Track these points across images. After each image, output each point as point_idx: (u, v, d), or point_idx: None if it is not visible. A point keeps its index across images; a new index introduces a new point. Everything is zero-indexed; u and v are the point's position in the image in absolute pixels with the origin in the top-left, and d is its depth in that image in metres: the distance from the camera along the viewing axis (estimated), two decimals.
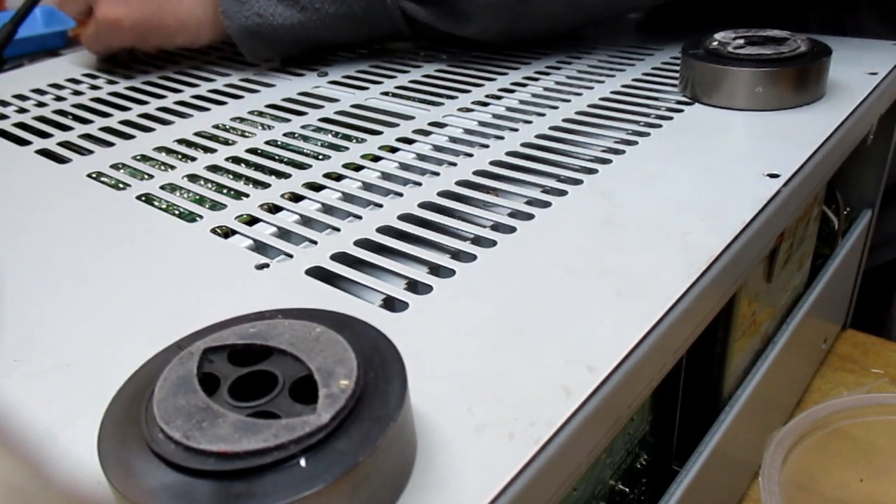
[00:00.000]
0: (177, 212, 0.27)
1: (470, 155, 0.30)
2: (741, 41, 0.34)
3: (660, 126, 0.31)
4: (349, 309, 0.18)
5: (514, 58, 0.42)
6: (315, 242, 0.24)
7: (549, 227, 0.24)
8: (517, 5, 0.37)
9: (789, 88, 0.32)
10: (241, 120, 0.36)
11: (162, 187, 0.29)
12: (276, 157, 0.31)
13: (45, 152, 0.33)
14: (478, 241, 0.24)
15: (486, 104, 0.35)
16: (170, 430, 0.13)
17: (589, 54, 0.42)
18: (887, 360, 0.42)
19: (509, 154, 0.30)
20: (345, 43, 0.42)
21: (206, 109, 0.37)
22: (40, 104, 0.39)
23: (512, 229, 0.24)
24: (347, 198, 0.27)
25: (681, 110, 0.33)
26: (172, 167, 0.31)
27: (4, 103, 0.40)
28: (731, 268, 0.22)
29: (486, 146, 0.30)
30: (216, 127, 0.35)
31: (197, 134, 0.34)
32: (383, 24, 0.40)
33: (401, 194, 0.27)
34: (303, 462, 0.13)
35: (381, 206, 0.26)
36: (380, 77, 0.40)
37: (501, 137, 0.31)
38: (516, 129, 0.32)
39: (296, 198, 0.27)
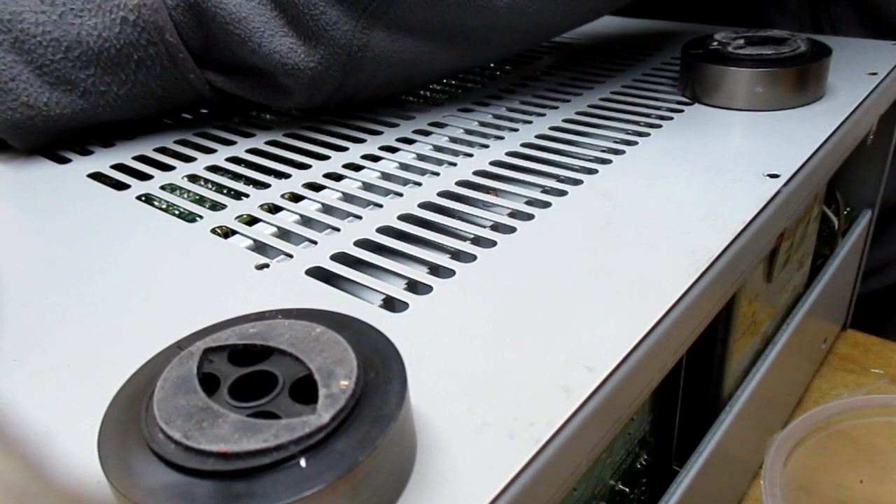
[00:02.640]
0: (177, 212, 0.27)
1: (470, 155, 0.30)
2: (741, 41, 0.34)
3: (660, 126, 0.31)
4: (349, 309, 0.18)
5: (515, 58, 0.42)
6: (315, 242, 0.24)
7: (549, 228, 0.24)
8: (345, 78, 0.32)
9: (789, 88, 0.32)
10: (242, 120, 0.35)
11: (162, 187, 0.29)
12: (277, 157, 0.31)
13: (45, 152, 0.33)
14: (478, 241, 0.24)
15: (486, 104, 0.35)
16: (170, 430, 0.13)
17: (589, 54, 0.42)
18: (887, 360, 0.42)
19: (509, 154, 0.30)
20: (143, 120, 0.34)
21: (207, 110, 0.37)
22: None
23: (512, 229, 0.24)
24: (347, 198, 0.27)
25: (681, 110, 0.33)
26: (172, 167, 0.31)
27: None
28: (731, 268, 0.22)
29: (486, 146, 0.30)
30: (216, 127, 0.35)
31: (197, 134, 0.34)
32: (188, 98, 0.33)
33: (401, 194, 0.27)
34: (303, 462, 0.13)
35: (381, 206, 0.26)
36: None
37: (501, 137, 0.31)
38: (516, 130, 0.32)
39: (296, 198, 0.27)
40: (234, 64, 0.32)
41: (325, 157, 0.31)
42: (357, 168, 0.30)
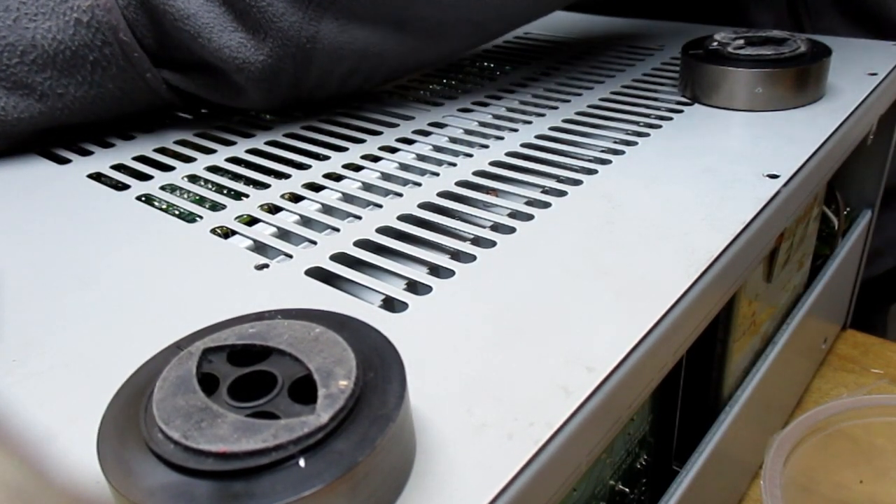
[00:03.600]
0: (177, 212, 0.27)
1: (470, 155, 0.30)
2: (741, 42, 0.34)
3: (660, 126, 0.31)
4: (349, 309, 0.18)
5: (515, 58, 0.42)
6: (315, 243, 0.24)
7: (548, 228, 0.24)
8: (297, 72, 0.32)
9: (789, 89, 0.32)
10: (241, 120, 0.35)
11: (162, 187, 0.29)
12: (277, 158, 0.31)
13: (45, 153, 0.33)
14: (477, 241, 0.24)
15: (485, 105, 0.35)
16: (169, 431, 0.13)
17: (589, 54, 0.42)
18: (887, 360, 0.42)
19: (509, 154, 0.30)
20: (102, 123, 0.34)
21: (206, 110, 0.37)
22: None
23: (512, 230, 0.24)
24: (347, 198, 0.27)
25: (681, 111, 0.33)
26: (172, 167, 0.31)
27: None
28: (731, 268, 0.22)
29: (486, 146, 0.30)
30: (216, 127, 0.35)
31: (197, 134, 0.34)
32: (146, 98, 0.33)
33: (400, 195, 0.27)
34: (302, 462, 0.13)
35: (380, 206, 0.26)
36: None
37: (501, 138, 0.31)
38: (516, 130, 0.32)
39: (295, 198, 0.27)
40: (190, 61, 0.32)
41: (325, 158, 0.31)
42: (357, 168, 0.30)
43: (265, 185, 0.28)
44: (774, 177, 0.26)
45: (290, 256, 0.23)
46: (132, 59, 0.31)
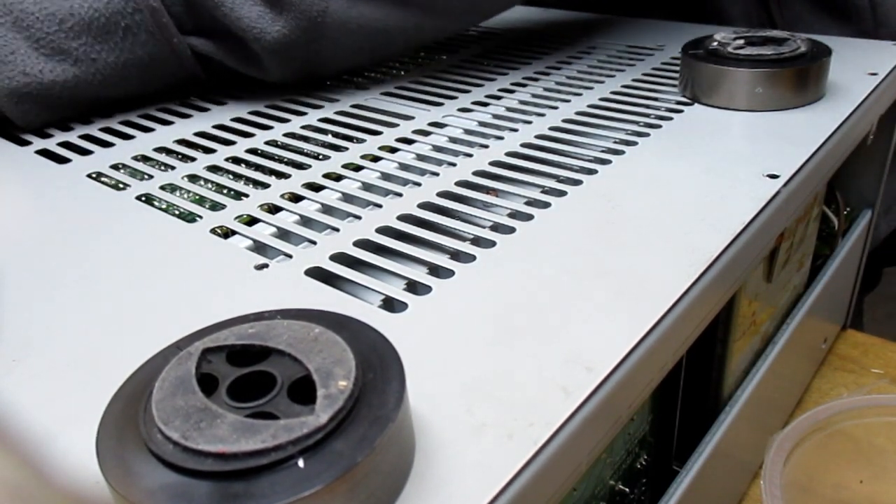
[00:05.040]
0: (177, 212, 0.27)
1: (469, 155, 0.30)
2: (741, 41, 0.34)
3: (659, 126, 0.31)
4: (348, 309, 0.18)
5: (514, 58, 0.42)
6: (314, 243, 0.24)
7: (548, 228, 0.24)
8: (309, 45, 0.35)
9: (789, 89, 0.32)
10: (241, 120, 0.35)
11: (162, 187, 0.29)
12: (276, 158, 0.31)
13: (45, 152, 0.33)
14: (477, 241, 0.24)
15: (485, 104, 0.35)
16: (168, 431, 0.13)
17: (589, 54, 0.42)
18: (887, 360, 0.42)
19: (509, 154, 0.30)
20: (130, 96, 0.37)
21: (206, 110, 0.37)
22: None
23: (511, 230, 0.24)
24: (347, 198, 0.27)
25: (681, 110, 0.33)
26: (172, 167, 0.31)
27: None
28: (731, 268, 0.22)
29: (486, 146, 0.30)
30: (216, 127, 0.35)
31: (197, 134, 0.34)
32: (172, 67, 0.36)
33: (400, 195, 0.27)
34: (301, 463, 0.13)
35: (380, 206, 0.26)
36: (380, 77, 0.40)
37: (501, 138, 0.31)
38: (516, 130, 0.32)
39: (295, 198, 0.27)
40: (212, 29, 0.35)
41: (325, 158, 0.31)
42: (357, 168, 0.30)
43: (265, 185, 0.28)
44: (774, 177, 0.26)
45: (290, 256, 0.23)
46: (161, 24, 0.34)
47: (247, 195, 0.28)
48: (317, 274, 0.22)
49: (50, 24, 0.33)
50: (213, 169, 0.30)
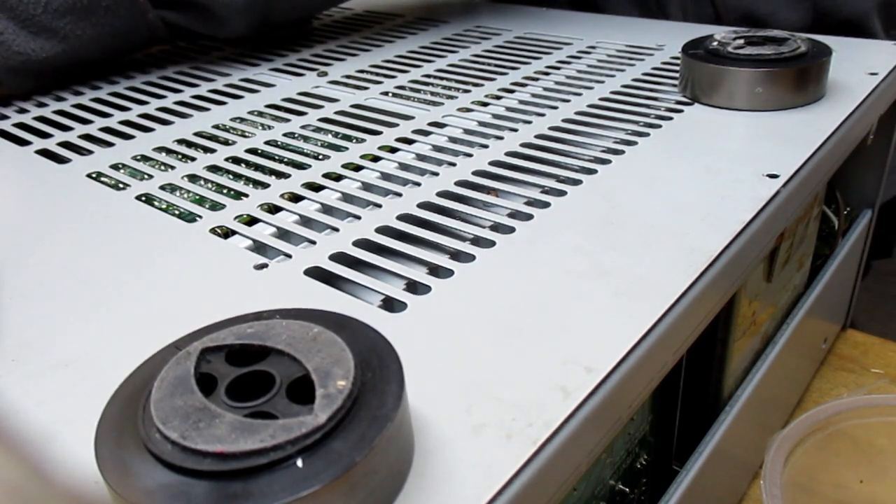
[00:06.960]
0: (176, 212, 0.27)
1: (469, 155, 0.30)
2: (741, 41, 0.34)
3: (659, 126, 0.31)
4: (347, 309, 0.18)
5: (514, 58, 0.42)
6: (314, 243, 0.24)
7: (548, 228, 0.24)
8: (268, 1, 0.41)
9: (789, 88, 0.32)
10: (241, 120, 0.36)
11: (162, 187, 0.29)
12: (276, 158, 0.31)
13: (45, 152, 0.33)
14: (477, 241, 0.24)
15: (485, 104, 0.35)
16: (167, 431, 0.13)
17: (589, 54, 0.42)
18: (887, 360, 0.42)
19: (509, 154, 0.30)
20: (105, 60, 0.42)
21: (206, 109, 0.37)
22: (40, 104, 0.39)
23: (511, 230, 0.24)
24: (346, 198, 0.27)
25: (680, 110, 0.33)
26: (172, 167, 0.31)
27: (5, 103, 0.40)
28: (731, 268, 0.22)
29: (486, 146, 0.30)
30: (216, 127, 0.35)
31: (197, 134, 0.34)
32: (143, 35, 0.41)
33: (400, 194, 0.27)
34: (300, 462, 0.13)
35: (380, 206, 0.26)
36: (380, 77, 0.40)
37: (501, 137, 0.31)
38: (516, 130, 0.32)
39: (295, 198, 0.27)
40: (183, 1, 0.41)
41: (325, 157, 0.31)
42: (356, 168, 0.30)
43: (265, 185, 0.28)
44: (774, 177, 0.26)
45: (290, 256, 0.23)
46: (137, 3, 0.40)
47: (246, 195, 0.28)
48: (316, 274, 0.22)
49: (35, 6, 0.37)
50: (213, 169, 0.30)
